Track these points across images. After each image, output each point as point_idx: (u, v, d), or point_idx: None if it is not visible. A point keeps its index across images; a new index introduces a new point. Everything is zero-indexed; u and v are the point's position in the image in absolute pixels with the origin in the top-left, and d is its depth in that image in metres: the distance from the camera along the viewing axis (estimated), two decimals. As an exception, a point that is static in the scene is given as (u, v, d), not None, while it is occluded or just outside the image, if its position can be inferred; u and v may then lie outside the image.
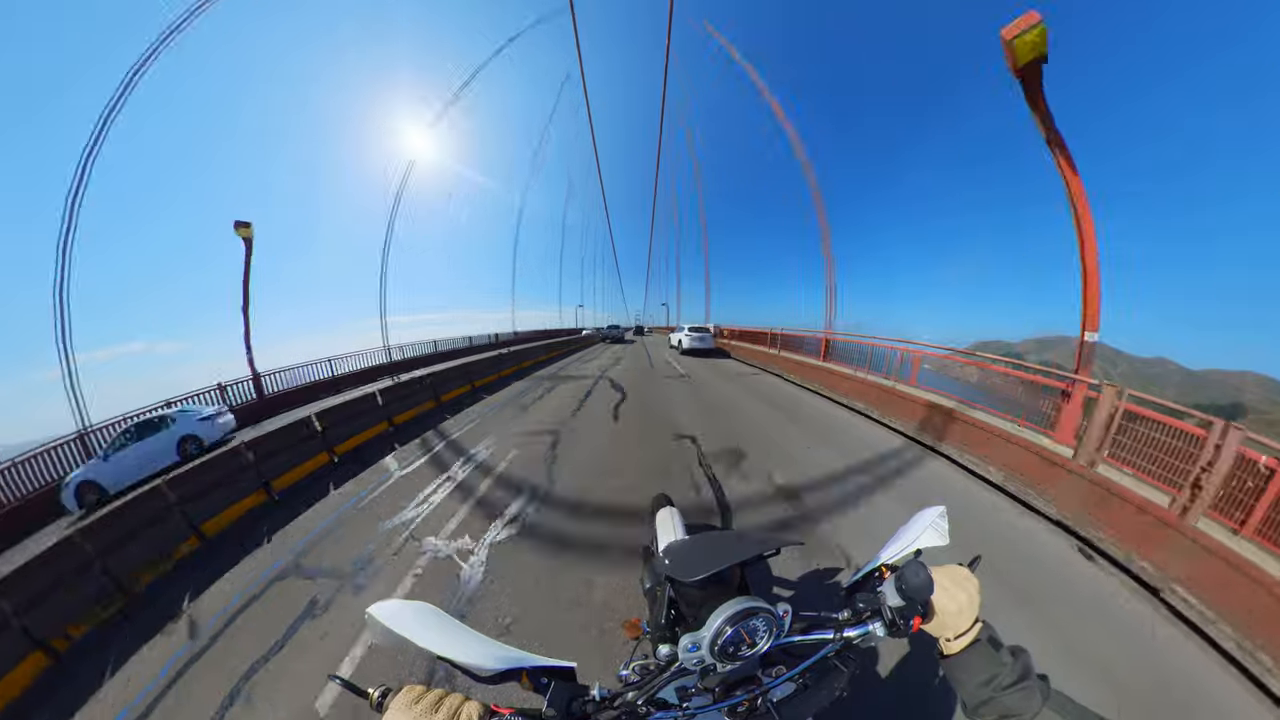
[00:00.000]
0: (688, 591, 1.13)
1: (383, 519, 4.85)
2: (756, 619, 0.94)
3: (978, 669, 0.84)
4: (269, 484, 5.88)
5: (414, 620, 0.83)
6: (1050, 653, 2.69)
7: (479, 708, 0.72)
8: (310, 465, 6.68)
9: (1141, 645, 2.87)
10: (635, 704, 0.89)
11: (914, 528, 1.09)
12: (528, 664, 0.83)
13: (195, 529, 4.83)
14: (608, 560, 3.78)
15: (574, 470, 5.90)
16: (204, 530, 4.90)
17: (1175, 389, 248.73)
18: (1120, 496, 4.05)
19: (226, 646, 3.18)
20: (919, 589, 0.86)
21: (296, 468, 6.42)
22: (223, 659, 3.06)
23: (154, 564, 4.32)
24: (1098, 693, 2.44)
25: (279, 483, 6.03)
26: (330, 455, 7.10)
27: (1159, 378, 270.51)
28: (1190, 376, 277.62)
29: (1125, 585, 3.50)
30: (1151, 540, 3.67)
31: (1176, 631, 3.03)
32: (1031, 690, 0.80)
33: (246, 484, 5.62)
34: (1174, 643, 2.93)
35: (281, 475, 6.13)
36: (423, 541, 4.27)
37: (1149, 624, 3.08)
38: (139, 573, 4.16)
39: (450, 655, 0.78)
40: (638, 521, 4.30)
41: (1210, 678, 2.69)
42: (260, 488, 5.76)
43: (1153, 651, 2.83)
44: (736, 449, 6.50)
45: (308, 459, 6.68)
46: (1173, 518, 3.69)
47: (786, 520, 4.40)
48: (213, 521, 5.03)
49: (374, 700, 0.72)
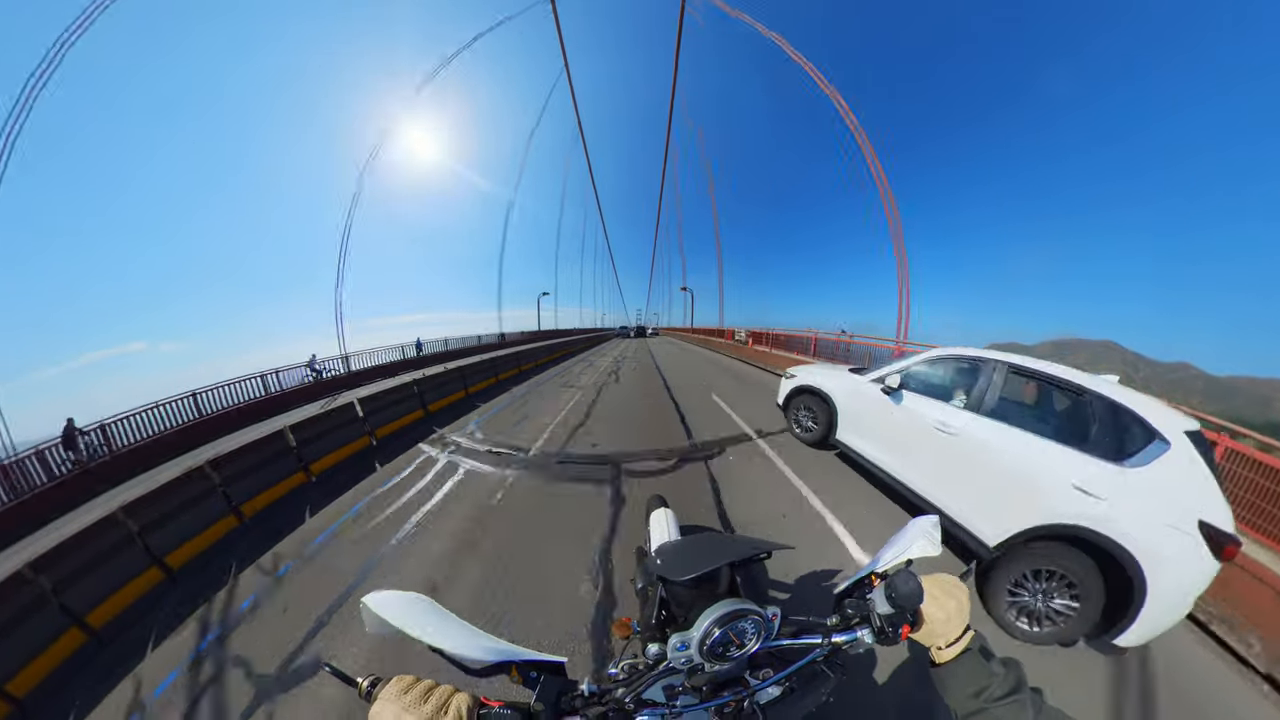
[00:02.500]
0: (679, 591, 1.14)
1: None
2: (746, 621, 0.94)
3: (968, 679, 0.83)
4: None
5: (407, 610, 0.84)
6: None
7: (468, 699, 0.72)
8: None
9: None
10: (623, 701, 0.90)
11: (906, 536, 1.09)
12: (518, 657, 0.83)
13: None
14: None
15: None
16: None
17: (1200, 396, 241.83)
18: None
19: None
20: (908, 597, 0.86)
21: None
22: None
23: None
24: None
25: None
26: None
27: (1181, 384, 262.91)
28: (1214, 383, 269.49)
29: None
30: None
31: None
32: (1024, 703, 0.79)
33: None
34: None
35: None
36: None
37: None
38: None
39: (441, 646, 0.78)
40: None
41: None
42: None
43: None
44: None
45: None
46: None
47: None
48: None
49: (363, 689, 0.72)
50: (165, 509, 4.36)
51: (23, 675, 2.98)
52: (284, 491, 5.65)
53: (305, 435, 6.31)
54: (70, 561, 3.52)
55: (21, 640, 3.08)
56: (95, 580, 3.59)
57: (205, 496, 4.75)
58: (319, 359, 17.69)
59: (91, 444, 9.50)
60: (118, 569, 3.78)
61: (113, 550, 3.82)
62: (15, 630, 3.08)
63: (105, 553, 3.76)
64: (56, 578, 3.36)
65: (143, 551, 3.98)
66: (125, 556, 3.88)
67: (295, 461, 6.00)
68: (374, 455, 7.04)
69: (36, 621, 3.18)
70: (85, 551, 3.64)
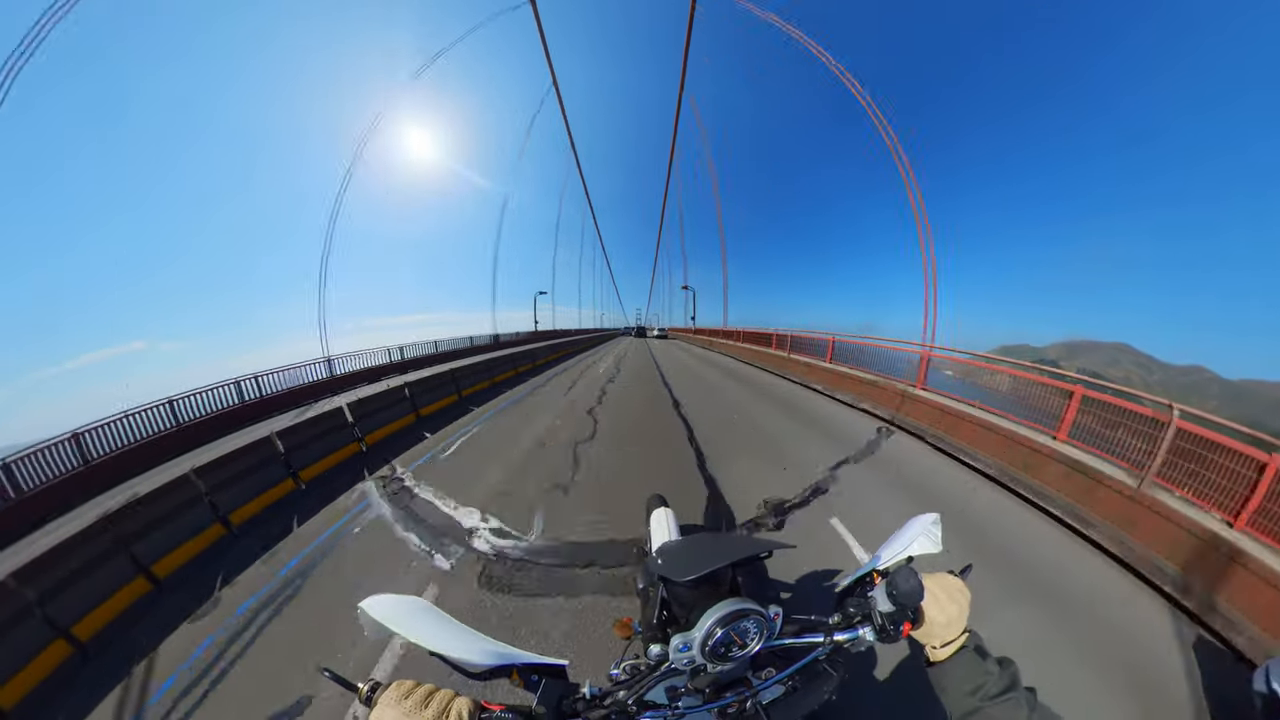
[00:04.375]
0: (680, 592, 1.14)
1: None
2: (748, 621, 0.94)
3: (963, 678, 0.84)
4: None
5: (406, 615, 0.83)
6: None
7: (469, 704, 0.71)
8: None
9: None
10: (625, 703, 0.90)
11: (907, 534, 1.08)
12: (519, 661, 0.83)
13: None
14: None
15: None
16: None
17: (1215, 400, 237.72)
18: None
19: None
20: (910, 595, 0.86)
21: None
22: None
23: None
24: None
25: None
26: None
27: (1196, 388, 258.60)
28: (1228, 387, 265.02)
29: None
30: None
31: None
32: (1018, 701, 0.80)
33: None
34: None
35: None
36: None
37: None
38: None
39: (441, 650, 0.78)
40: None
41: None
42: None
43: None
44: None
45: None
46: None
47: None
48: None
49: (363, 694, 0.71)
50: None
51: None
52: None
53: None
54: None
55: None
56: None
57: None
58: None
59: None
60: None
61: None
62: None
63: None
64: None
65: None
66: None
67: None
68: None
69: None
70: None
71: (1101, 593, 3.68)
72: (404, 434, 8.73)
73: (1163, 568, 3.84)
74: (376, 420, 8.49)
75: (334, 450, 7.15)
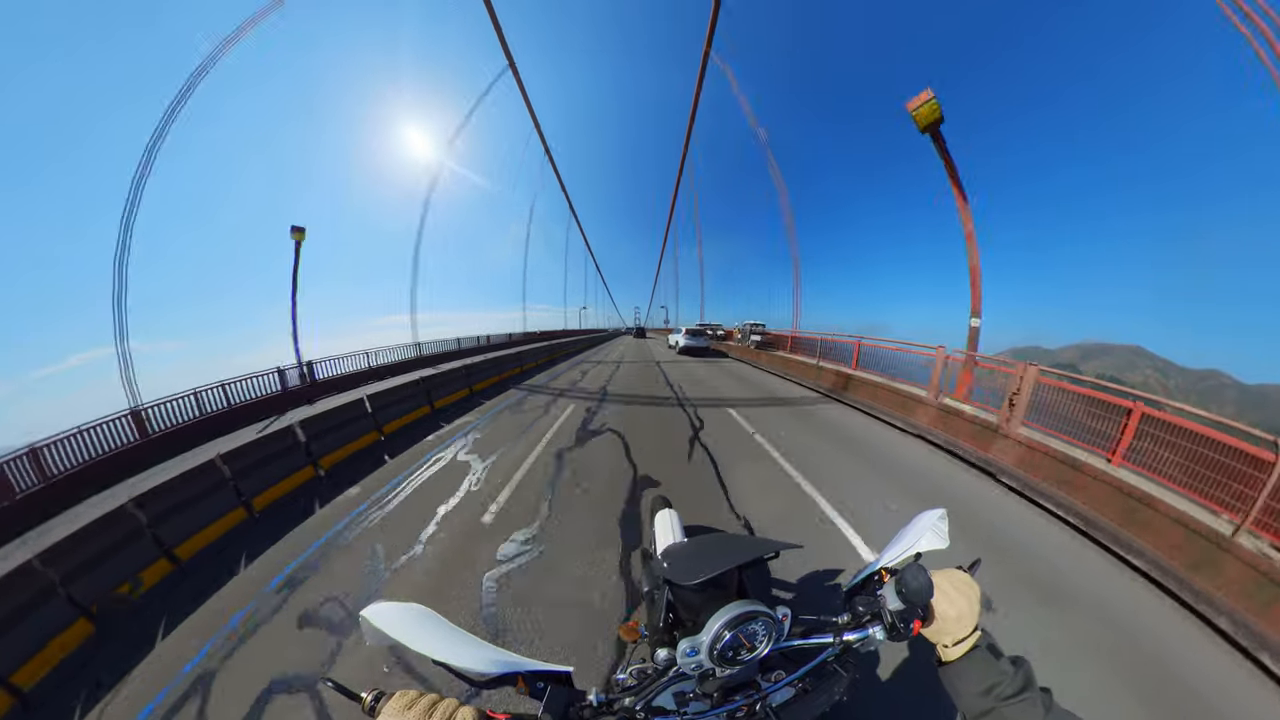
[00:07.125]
0: (686, 595, 1.12)
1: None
2: (756, 623, 0.93)
3: (976, 678, 0.82)
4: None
5: (408, 623, 0.82)
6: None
7: (473, 713, 0.70)
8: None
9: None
10: (633, 709, 0.88)
11: (913, 530, 1.07)
12: (523, 668, 0.81)
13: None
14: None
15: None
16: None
17: (1234, 405, 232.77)
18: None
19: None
20: (919, 592, 0.84)
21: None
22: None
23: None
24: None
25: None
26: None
27: (1214, 392, 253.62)
28: (1246, 392, 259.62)
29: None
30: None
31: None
32: (1034, 702, 0.77)
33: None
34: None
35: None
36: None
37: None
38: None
39: (445, 659, 0.76)
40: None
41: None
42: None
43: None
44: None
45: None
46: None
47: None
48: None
49: (366, 704, 0.70)
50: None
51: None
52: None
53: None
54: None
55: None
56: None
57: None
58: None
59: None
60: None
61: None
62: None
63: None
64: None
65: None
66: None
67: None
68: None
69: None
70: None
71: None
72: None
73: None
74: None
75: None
